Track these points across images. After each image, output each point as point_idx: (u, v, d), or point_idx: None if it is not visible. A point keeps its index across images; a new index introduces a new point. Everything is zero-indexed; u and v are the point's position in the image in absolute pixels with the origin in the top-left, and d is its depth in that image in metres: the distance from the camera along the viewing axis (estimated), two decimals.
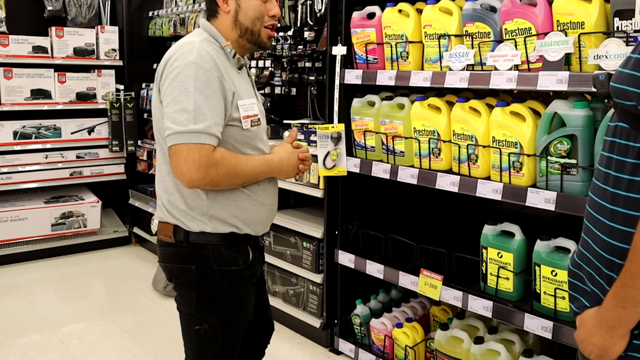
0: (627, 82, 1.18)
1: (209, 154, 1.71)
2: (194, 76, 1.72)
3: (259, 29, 1.90)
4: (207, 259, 1.85)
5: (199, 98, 1.71)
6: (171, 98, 1.74)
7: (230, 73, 1.83)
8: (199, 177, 1.71)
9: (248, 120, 1.83)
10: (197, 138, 1.69)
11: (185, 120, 1.70)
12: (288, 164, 1.95)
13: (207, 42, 1.84)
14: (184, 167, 1.71)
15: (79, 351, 3.27)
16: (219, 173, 1.73)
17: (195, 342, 1.93)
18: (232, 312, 1.92)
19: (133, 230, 5.21)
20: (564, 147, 2.11)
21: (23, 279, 4.34)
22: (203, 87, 1.72)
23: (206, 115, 1.71)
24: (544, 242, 2.24)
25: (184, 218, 1.84)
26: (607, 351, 1.21)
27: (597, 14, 2.05)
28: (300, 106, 3.81)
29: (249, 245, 1.93)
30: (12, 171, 4.64)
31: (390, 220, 3.15)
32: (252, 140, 1.87)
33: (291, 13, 3.61)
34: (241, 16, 1.88)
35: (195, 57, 1.74)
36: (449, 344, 2.61)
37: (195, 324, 1.89)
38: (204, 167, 1.70)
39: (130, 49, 5.08)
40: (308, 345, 3.35)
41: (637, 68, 1.16)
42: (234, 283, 1.89)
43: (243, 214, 1.87)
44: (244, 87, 1.88)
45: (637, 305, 1.15)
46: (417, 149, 2.64)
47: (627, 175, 1.17)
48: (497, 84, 2.28)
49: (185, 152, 1.70)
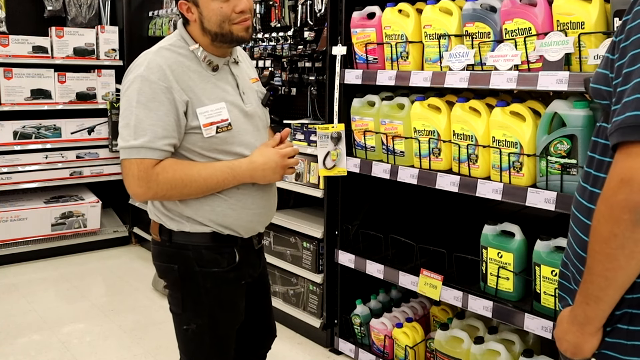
0: (600, 81, 1.19)
1: (147, 168, 1.71)
2: (139, 89, 1.73)
3: (229, 30, 1.81)
4: (188, 259, 1.85)
5: (140, 112, 1.71)
6: (120, 112, 1.78)
7: (195, 78, 1.79)
8: (141, 191, 1.73)
9: (212, 127, 1.78)
10: (136, 153, 1.71)
11: (127, 136, 1.72)
12: (264, 168, 1.85)
13: (169, 48, 1.81)
14: (126, 181, 1.75)
15: (79, 351, 3.27)
16: (160, 187, 1.73)
17: (185, 342, 1.93)
18: (218, 314, 1.89)
19: (133, 230, 5.21)
20: (564, 147, 2.11)
21: (23, 279, 4.34)
22: (147, 101, 1.72)
23: (146, 130, 1.71)
24: (544, 242, 2.24)
25: (165, 218, 1.86)
26: (580, 348, 1.21)
27: (597, 14, 2.05)
28: (300, 106, 3.81)
29: (236, 247, 1.89)
30: (12, 171, 4.63)
31: (390, 220, 3.15)
32: (222, 146, 1.81)
33: (291, 13, 3.61)
34: (206, 23, 1.80)
35: (142, 69, 1.74)
36: (449, 344, 2.61)
37: (183, 323, 1.90)
38: (143, 182, 1.71)
39: (130, 49, 5.07)
40: (308, 345, 3.35)
41: (606, 66, 1.17)
42: (217, 285, 1.87)
43: (220, 218, 1.84)
44: (213, 92, 1.81)
45: (598, 302, 1.14)
46: (417, 149, 2.64)
47: (604, 174, 1.16)
48: (497, 84, 2.28)
49: (126, 167, 1.73)
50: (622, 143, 1.06)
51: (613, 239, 1.07)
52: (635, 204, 1.03)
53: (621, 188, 1.05)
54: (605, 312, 1.16)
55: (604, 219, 1.09)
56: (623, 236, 1.06)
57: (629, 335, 1.16)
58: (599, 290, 1.13)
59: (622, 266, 1.08)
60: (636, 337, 1.15)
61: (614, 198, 1.06)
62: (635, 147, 1.04)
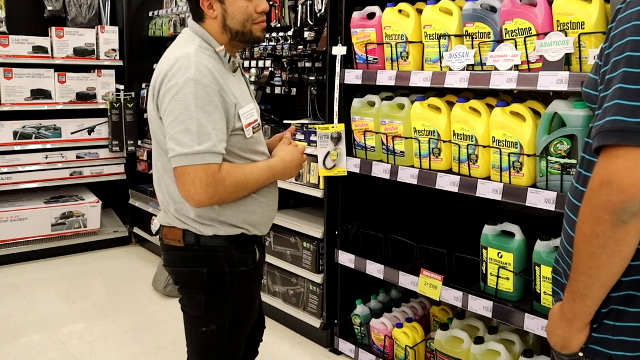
0: (590, 85, 1.26)
1: (215, 173, 1.69)
2: (194, 93, 1.68)
3: (250, 29, 1.85)
4: (219, 261, 1.85)
5: (201, 117, 1.68)
6: (172, 117, 1.70)
7: (227, 80, 1.80)
8: (208, 197, 1.70)
9: (250, 128, 1.82)
10: (202, 159, 1.68)
11: (189, 141, 1.67)
12: (291, 165, 1.94)
13: (201, 50, 1.79)
14: (191, 189, 1.69)
15: (79, 351, 3.27)
16: (226, 190, 1.73)
17: (201, 344, 1.92)
18: (240, 313, 1.92)
19: (133, 230, 5.21)
20: (564, 147, 2.11)
21: (23, 279, 4.34)
22: (204, 105, 1.69)
23: (210, 134, 1.68)
24: (544, 242, 2.24)
25: (195, 224, 1.83)
26: (568, 343, 1.25)
27: (597, 14, 2.05)
28: (300, 106, 3.81)
29: (256, 245, 1.94)
30: (12, 171, 4.64)
31: (390, 220, 3.15)
32: (254, 146, 1.87)
33: (291, 13, 3.61)
34: (229, 21, 1.82)
35: (193, 72, 1.70)
36: (449, 344, 2.61)
37: (202, 325, 1.88)
38: (211, 187, 1.69)
39: (130, 49, 5.08)
40: (308, 345, 3.35)
41: (596, 72, 1.23)
42: (242, 284, 1.90)
43: (251, 217, 1.87)
44: (242, 93, 1.86)
45: (584, 298, 1.19)
46: (417, 149, 2.64)
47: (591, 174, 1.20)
48: (497, 84, 2.28)
49: (192, 174, 1.68)
50: (602, 146, 1.11)
51: (595, 238, 1.12)
52: (615, 205, 1.08)
53: (602, 189, 1.10)
54: (591, 309, 1.20)
55: (587, 218, 1.14)
56: (604, 235, 1.11)
57: (616, 331, 1.20)
58: (584, 287, 1.18)
59: (604, 264, 1.13)
60: (622, 332, 1.19)
61: (595, 199, 1.11)
62: (614, 150, 1.09)
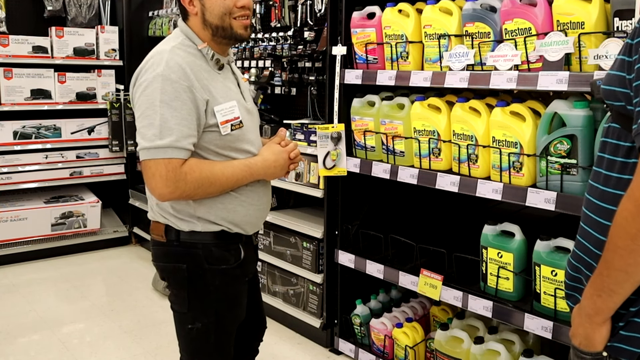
0: (614, 82, 1.22)
1: (176, 168, 1.71)
2: (161, 89, 1.71)
3: (229, 24, 1.85)
4: (198, 257, 1.85)
5: (165, 112, 1.70)
6: (139, 112, 1.75)
7: (207, 77, 1.81)
8: (168, 191, 1.72)
9: (227, 125, 1.82)
10: (163, 153, 1.70)
11: (152, 136, 1.70)
12: (275, 165, 1.93)
13: (180, 47, 1.82)
14: (152, 183, 1.73)
15: (79, 351, 3.27)
16: (188, 186, 1.73)
17: (188, 341, 1.93)
18: (224, 311, 1.92)
19: (133, 230, 5.21)
20: (564, 147, 2.11)
21: (23, 279, 4.34)
22: (170, 100, 1.71)
23: (172, 129, 1.70)
24: (544, 242, 2.24)
25: (174, 219, 1.86)
26: (591, 340, 1.24)
27: (597, 14, 2.05)
28: (300, 106, 3.81)
29: (241, 244, 1.93)
30: (12, 171, 4.63)
31: (390, 220, 3.15)
32: (235, 143, 1.86)
33: (291, 13, 3.61)
34: (208, 15, 1.84)
35: (162, 68, 1.73)
36: (449, 344, 2.61)
37: (188, 322, 1.90)
38: (171, 182, 1.71)
39: (130, 49, 5.07)
40: (308, 345, 3.35)
41: (622, 68, 1.21)
42: (225, 282, 1.90)
43: (230, 215, 1.87)
44: (223, 90, 1.86)
45: (612, 294, 1.18)
46: (417, 149, 2.64)
47: (615, 173, 1.21)
48: (497, 84, 2.28)
49: (152, 168, 1.71)
50: None
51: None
52: None
53: None
54: (616, 305, 1.19)
55: (632, 216, 1.11)
56: None
57: None
58: (616, 283, 1.16)
59: None
60: None
61: None
62: None
